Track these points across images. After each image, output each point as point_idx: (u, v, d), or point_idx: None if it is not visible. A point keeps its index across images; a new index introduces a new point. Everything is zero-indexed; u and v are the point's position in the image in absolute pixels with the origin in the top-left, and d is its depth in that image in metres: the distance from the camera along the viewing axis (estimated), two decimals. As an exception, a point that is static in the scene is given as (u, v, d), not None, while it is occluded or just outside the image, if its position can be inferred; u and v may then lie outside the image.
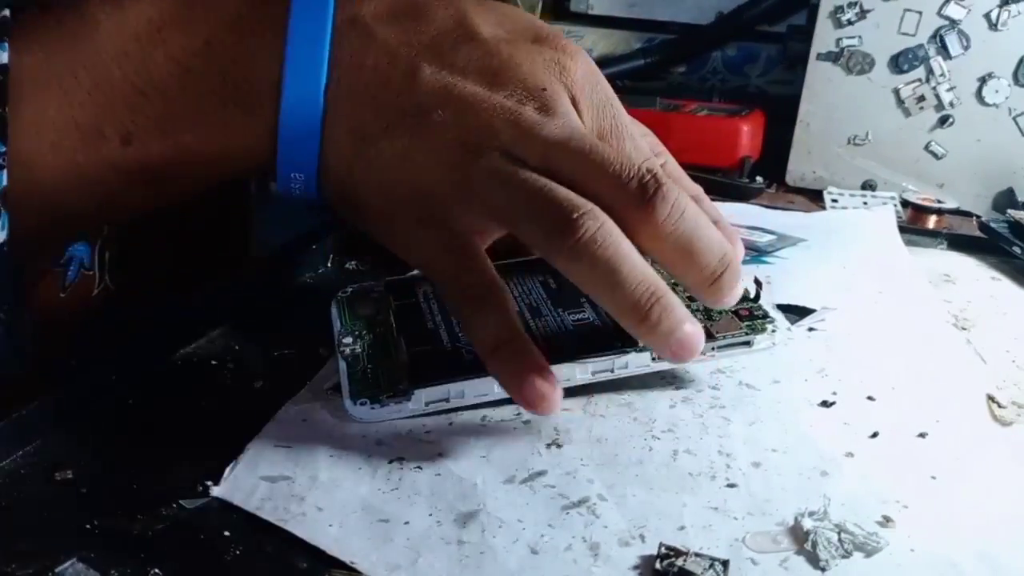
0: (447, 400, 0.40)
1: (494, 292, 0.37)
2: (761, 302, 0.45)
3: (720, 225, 0.49)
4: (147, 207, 0.44)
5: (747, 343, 0.42)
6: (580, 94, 0.40)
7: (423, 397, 0.39)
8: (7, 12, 0.36)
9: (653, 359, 0.41)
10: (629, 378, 0.42)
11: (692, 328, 0.36)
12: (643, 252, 0.37)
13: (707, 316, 0.44)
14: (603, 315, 0.43)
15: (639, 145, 0.41)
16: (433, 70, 0.38)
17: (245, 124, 0.39)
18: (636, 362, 0.41)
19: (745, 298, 0.45)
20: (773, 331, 0.43)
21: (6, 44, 0.36)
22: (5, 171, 0.37)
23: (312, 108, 0.38)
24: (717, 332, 0.43)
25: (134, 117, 0.38)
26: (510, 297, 0.38)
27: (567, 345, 0.41)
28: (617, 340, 0.41)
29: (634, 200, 0.36)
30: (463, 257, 0.38)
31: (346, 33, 0.39)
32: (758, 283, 0.45)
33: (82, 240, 0.54)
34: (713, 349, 0.42)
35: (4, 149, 0.36)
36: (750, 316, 0.44)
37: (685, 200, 0.36)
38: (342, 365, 0.41)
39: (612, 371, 0.41)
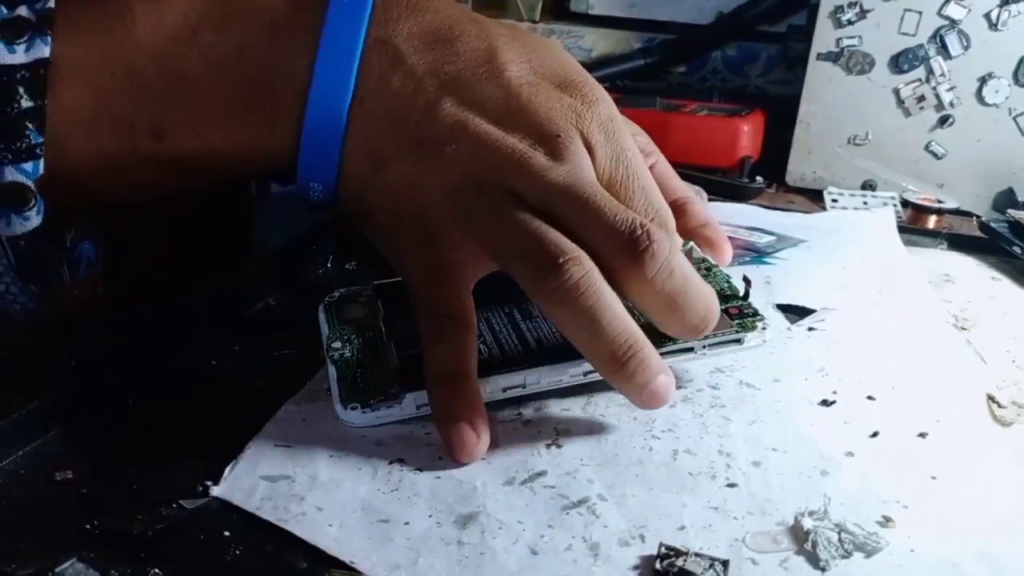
0: None
1: (457, 326, 0.38)
2: (751, 300, 0.45)
3: (710, 228, 0.50)
4: (169, 193, 0.46)
5: (738, 341, 0.43)
6: (596, 143, 0.40)
7: (414, 400, 0.39)
8: (52, 3, 0.37)
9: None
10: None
11: (665, 380, 0.37)
12: (629, 301, 0.38)
13: None
14: None
15: (651, 197, 0.41)
16: (453, 103, 0.39)
17: (270, 128, 0.40)
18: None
19: (735, 296, 0.45)
20: (763, 328, 0.43)
21: (48, 37, 0.37)
22: (42, 161, 0.38)
23: (335, 122, 0.39)
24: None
25: (166, 113, 0.39)
26: (472, 336, 0.38)
27: (557, 347, 0.41)
28: None
29: (624, 253, 0.37)
30: (441, 284, 0.39)
31: (377, 52, 0.40)
32: (747, 281, 0.45)
33: (88, 238, 0.54)
34: (704, 347, 0.42)
35: (41, 140, 0.37)
36: (740, 314, 0.44)
37: (675, 258, 0.37)
38: (332, 370, 0.41)
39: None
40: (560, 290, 0.35)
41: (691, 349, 0.42)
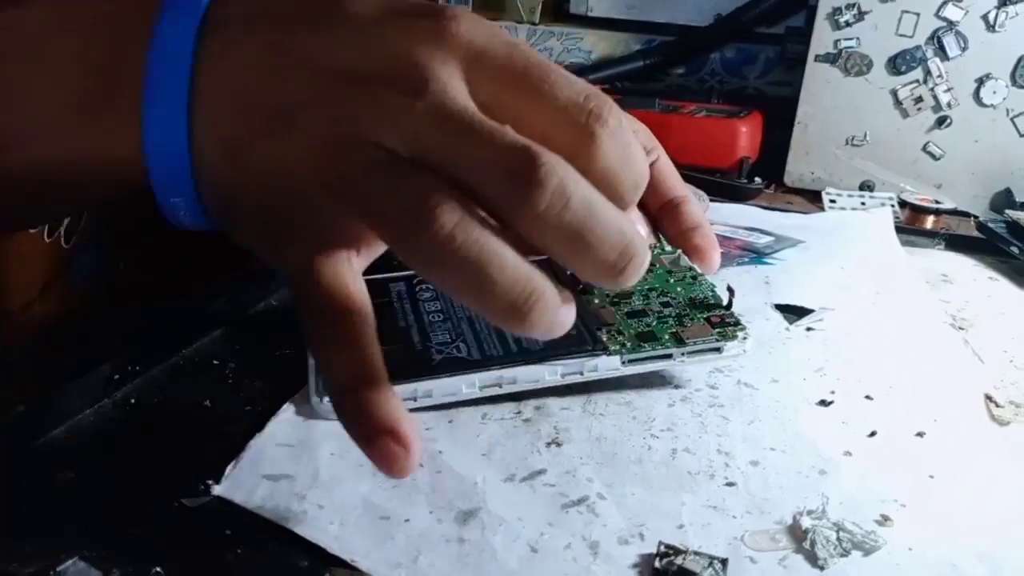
0: (415, 399, 0.40)
1: (347, 322, 0.32)
2: (734, 309, 0.45)
3: (700, 233, 0.44)
4: (30, 219, 0.42)
5: (717, 349, 0.43)
6: (474, 55, 0.33)
7: None
8: None
9: (623, 363, 0.42)
10: (626, 378, 0.43)
11: (566, 310, 0.30)
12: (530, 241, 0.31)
13: (679, 322, 0.44)
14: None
15: (574, 83, 0.33)
16: (296, 62, 0.33)
17: (110, 137, 0.34)
18: (606, 365, 0.41)
19: (718, 305, 0.45)
20: (744, 339, 0.43)
21: None
22: None
23: (176, 122, 0.34)
24: (688, 338, 0.43)
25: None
26: (368, 328, 0.32)
27: (534, 345, 0.41)
28: (587, 343, 0.42)
29: (504, 187, 0.29)
30: (322, 274, 0.33)
31: (210, 37, 0.34)
32: (731, 291, 0.45)
33: (91, 249, 0.54)
34: (683, 355, 0.42)
35: None
36: (722, 323, 0.44)
37: (572, 184, 0.29)
38: (311, 362, 0.41)
39: (582, 374, 0.41)
40: (431, 247, 0.29)
41: (669, 356, 0.42)
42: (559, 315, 0.30)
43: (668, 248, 0.49)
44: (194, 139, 0.34)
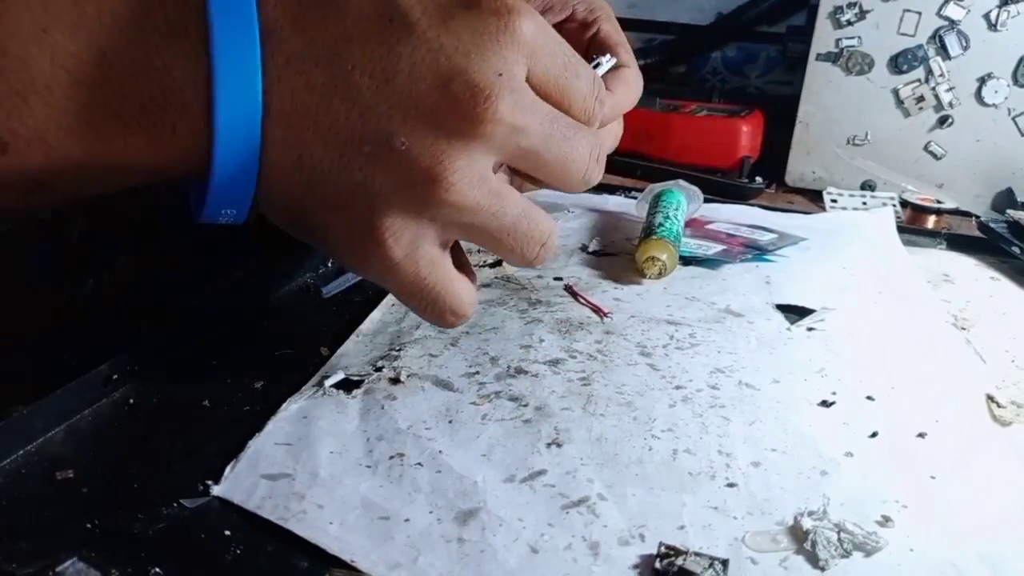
0: None
1: (442, 301, 0.39)
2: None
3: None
4: (26, 211, 0.41)
5: (599, 64, 0.50)
6: (536, 52, 0.37)
7: None
8: None
9: None
10: (628, 380, 0.43)
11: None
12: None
13: None
14: None
15: (584, 81, 0.40)
16: (377, 85, 0.35)
17: (153, 144, 0.34)
18: None
19: None
20: None
21: None
22: None
23: (249, 139, 0.34)
24: None
25: (11, 123, 0.33)
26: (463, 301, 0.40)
27: None
28: None
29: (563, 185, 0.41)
30: (415, 276, 0.38)
31: (271, 43, 0.34)
32: None
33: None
34: None
35: None
36: None
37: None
38: None
39: None
40: (522, 256, 0.40)
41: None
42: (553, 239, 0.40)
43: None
44: (265, 156, 0.35)
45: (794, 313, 0.54)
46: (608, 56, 0.53)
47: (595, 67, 0.50)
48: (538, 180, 0.40)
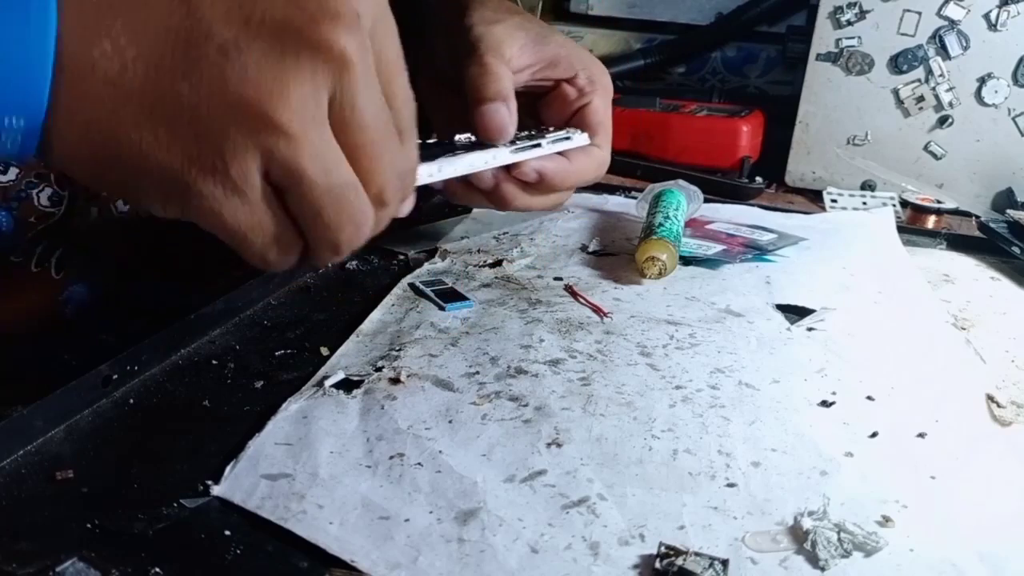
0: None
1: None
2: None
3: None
4: None
5: (568, 138, 0.55)
6: (375, 35, 0.34)
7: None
8: None
9: (511, 152, 0.52)
10: (628, 380, 0.43)
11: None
12: None
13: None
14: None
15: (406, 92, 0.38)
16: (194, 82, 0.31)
17: None
18: (499, 155, 0.52)
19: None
20: (582, 132, 0.55)
21: None
22: None
23: (39, 19, 0.29)
24: (548, 134, 0.54)
25: None
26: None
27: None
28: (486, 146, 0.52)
29: None
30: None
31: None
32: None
33: (82, 281, 0.54)
34: (549, 143, 0.54)
35: None
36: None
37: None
38: None
39: (485, 163, 0.51)
40: None
41: (538, 145, 0.53)
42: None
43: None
44: (62, 39, 0.30)
45: (794, 313, 0.54)
46: (583, 133, 0.58)
47: (565, 139, 0.56)
48: (352, 152, 0.35)
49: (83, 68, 0.30)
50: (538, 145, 0.54)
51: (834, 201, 0.80)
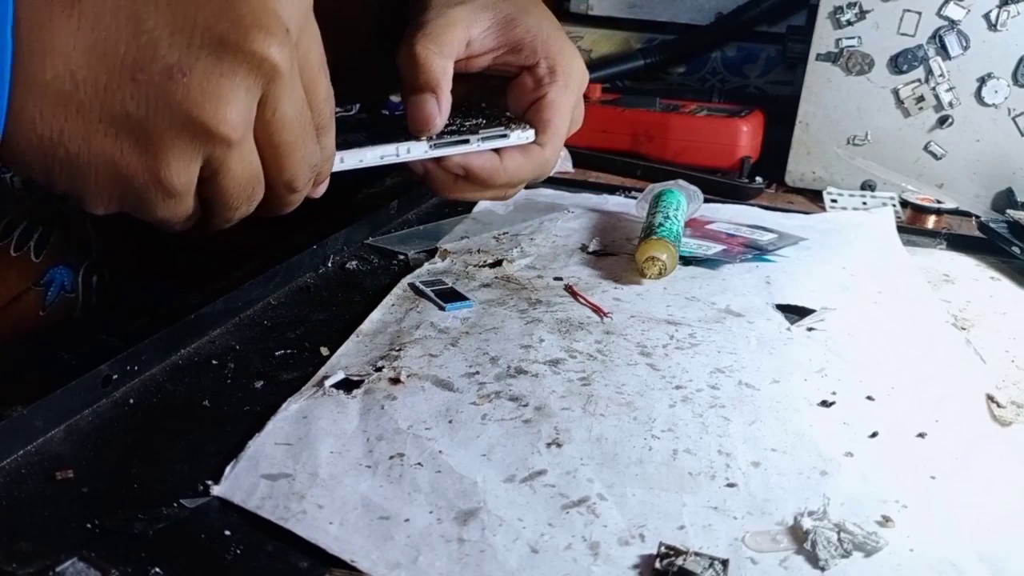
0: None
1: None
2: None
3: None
4: None
5: (504, 136, 0.52)
6: (302, 36, 0.37)
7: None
8: None
9: (430, 147, 0.50)
10: (628, 380, 0.43)
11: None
12: None
13: (480, 127, 0.52)
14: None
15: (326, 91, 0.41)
16: (157, 6, 0.34)
17: None
18: (416, 149, 0.50)
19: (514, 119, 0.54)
20: (526, 129, 0.52)
21: None
22: None
23: None
24: (481, 130, 0.51)
25: None
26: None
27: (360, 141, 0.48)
28: (404, 137, 0.50)
29: None
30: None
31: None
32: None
33: (63, 264, 0.54)
34: (479, 140, 0.51)
35: None
36: (511, 122, 0.53)
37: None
38: None
39: (397, 155, 0.49)
40: None
41: (466, 141, 0.51)
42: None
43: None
44: (17, 58, 0.32)
45: (794, 313, 0.54)
46: (528, 130, 0.54)
47: (501, 136, 0.52)
48: (264, 162, 0.38)
49: (37, 87, 0.33)
50: (466, 141, 0.51)
51: (834, 201, 0.80)
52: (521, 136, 0.53)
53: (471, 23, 0.55)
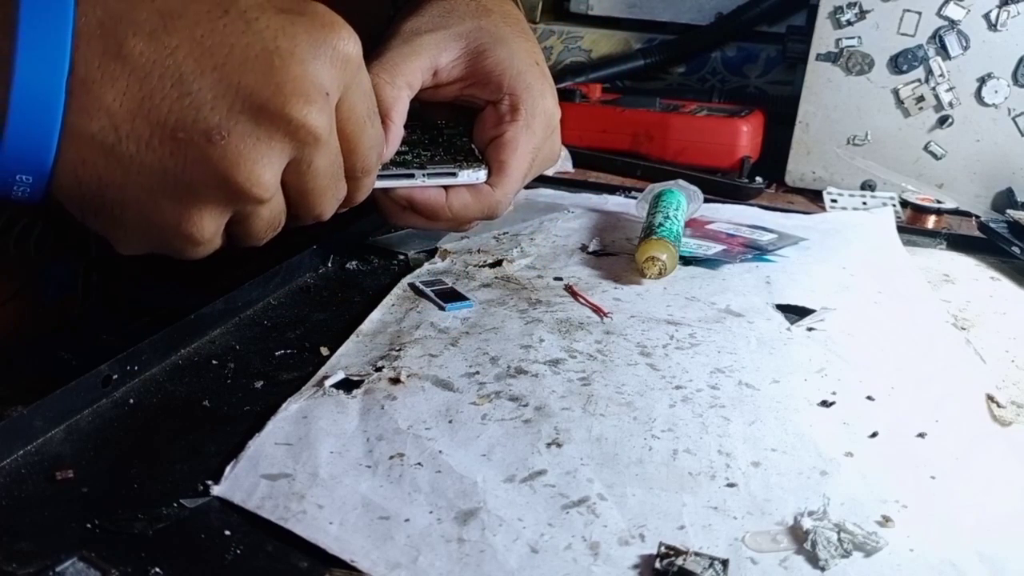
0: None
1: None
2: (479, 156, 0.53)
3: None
4: None
5: (453, 174, 0.52)
6: (351, 86, 0.40)
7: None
8: None
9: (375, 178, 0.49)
10: (628, 380, 0.43)
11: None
12: None
13: (430, 160, 0.53)
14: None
15: (375, 133, 0.44)
16: (203, 70, 0.36)
17: None
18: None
19: (470, 154, 0.54)
20: (479, 168, 0.52)
21: None
22: None
23: (49, 95, 0.33)
24: (429, 164, 0.52)
25: None
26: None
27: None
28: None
29: None
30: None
31: (93, 29, 0.34)
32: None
33: (63, 261, 0.54)
34: (424, 176, 0.51)
35: None
36: (464, 160, 0.53)
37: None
38: None
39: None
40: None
41: (412, 176, 0.51)
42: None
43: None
44: (68, 127, 0.34)
45: (794, 313, 0.54)
46: (481, 170, 0.53)
47: (449, 174, 0.52)
48: (291, 201, 0.41)
49: (83, 137, 0.35)
50: (411, 175, 0.51)
51: (834, 201, 0.80)
52: (471, 176, 0.52)
53: (439, 52, 0.54)
